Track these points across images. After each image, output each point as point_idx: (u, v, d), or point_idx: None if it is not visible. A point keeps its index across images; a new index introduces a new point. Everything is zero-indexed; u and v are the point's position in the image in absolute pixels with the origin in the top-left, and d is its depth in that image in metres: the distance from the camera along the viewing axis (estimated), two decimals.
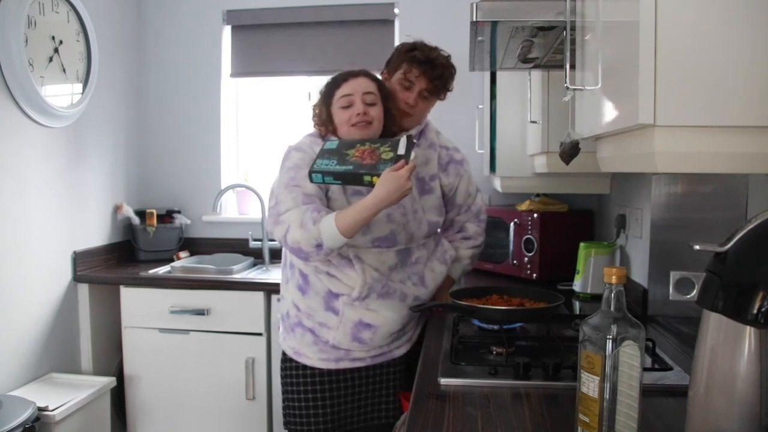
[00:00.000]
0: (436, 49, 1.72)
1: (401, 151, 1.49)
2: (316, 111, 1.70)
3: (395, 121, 1.68)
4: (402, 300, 1.67)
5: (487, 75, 2.39)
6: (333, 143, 1.59)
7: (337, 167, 1.49)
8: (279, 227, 1.54)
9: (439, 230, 1.83)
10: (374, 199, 1.45)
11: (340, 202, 1.61)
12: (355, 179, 1.49)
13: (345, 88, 1.62)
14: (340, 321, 1.63)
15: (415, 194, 1.70)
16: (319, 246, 1.48)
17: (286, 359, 1.74)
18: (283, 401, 1.75)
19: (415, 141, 1.53)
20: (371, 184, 1.47)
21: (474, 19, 1.22)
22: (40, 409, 2.09)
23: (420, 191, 1.73)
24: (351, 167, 1.48)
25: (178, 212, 3.10)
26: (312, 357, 1.68)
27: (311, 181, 1.52)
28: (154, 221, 2.97)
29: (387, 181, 1.44)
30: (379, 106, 1.63)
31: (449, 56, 1.73)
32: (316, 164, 1.52)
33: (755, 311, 0.74)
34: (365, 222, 1.49)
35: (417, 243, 1.71)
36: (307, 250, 1.50)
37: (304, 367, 1.69)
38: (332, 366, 1.67)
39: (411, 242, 1.69)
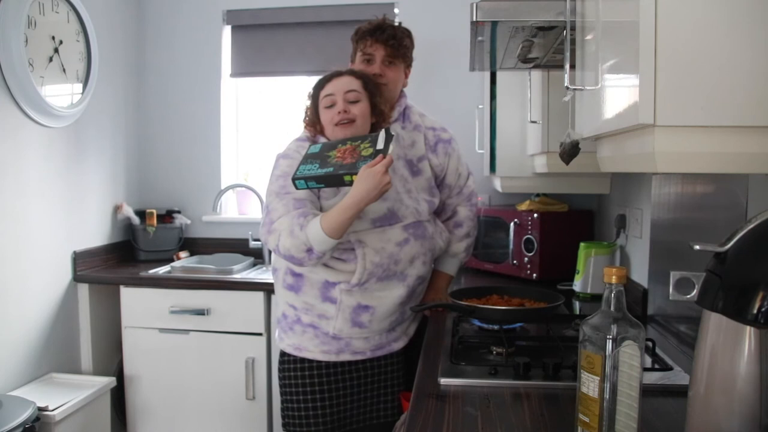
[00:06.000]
0: (381, 18, 1.79)
1: (380, 145, 1.49)
2: (307, 113, 1.72)
3: (385, 117, 1.68)
4: (402, 280, 1.66)
5: (487, 75, 2.39)
6: (316, 147, 1.59)
7: (318, 171, 1.49)
8: (272, 236, 1.55)
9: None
10: (353, 198, 1.45)
11: (333, 202, 1.61)
12: (336, 180, 1.48)
13: (328, 88, 1.64)
14: (339, 309, 1.63)
15: (407, 175, 1.71)
16: (309, 251, 1.49)
17: (284, 356, 1.73)
18: (282, 402, 1.74)
19: (393, 134, 1.53)
20: (352, 183, 1.46)
21: (474, 19, 1.22)
22: (40, 409, 2.09)
23: (410, 173, 1.73)
24: (331, 169, 1.48)
25: (178, 212, 3.10)
26: (313, 350, 1.68)
27: (296, 188, 1.53)
28: (154, 221, 2.97)
29: (364, 179, 1.44)
30: (363, 103, 1.63)
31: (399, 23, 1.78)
32: (298, 170, 1.52)
33: (755, 311, 0.74)
34: (350, 221, 1.48)
35: (424, 216, 1.71)
36: (299, 257, 1.51)
37: (303, 360, 1.69)
38: (333, 358, 1.68)
39: (419, 215, 1.69)
